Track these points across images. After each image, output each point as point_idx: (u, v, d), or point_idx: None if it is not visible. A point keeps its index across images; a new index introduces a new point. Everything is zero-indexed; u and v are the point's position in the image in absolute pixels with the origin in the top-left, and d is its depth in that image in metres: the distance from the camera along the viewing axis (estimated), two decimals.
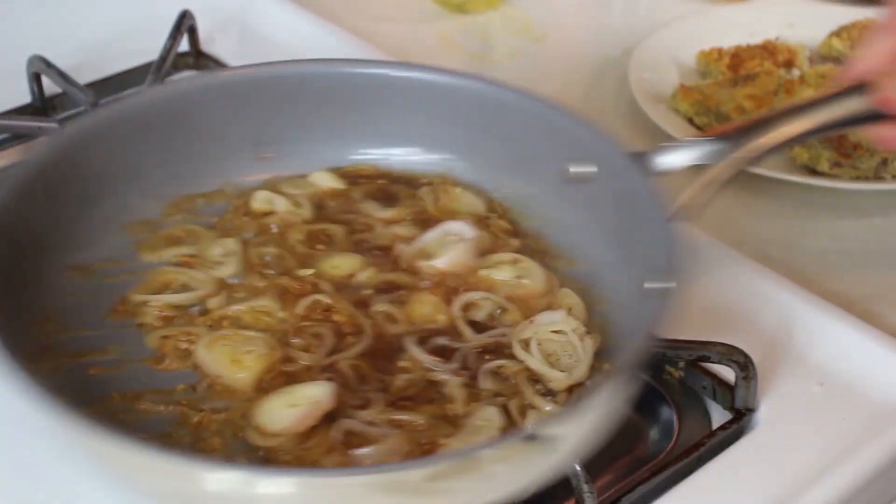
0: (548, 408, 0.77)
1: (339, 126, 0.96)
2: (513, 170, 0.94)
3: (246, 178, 0.95)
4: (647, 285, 0.78)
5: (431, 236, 0.90)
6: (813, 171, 1.12)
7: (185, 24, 1.21)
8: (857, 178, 1.11)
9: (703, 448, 0.81)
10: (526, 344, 0.81)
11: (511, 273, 0.87)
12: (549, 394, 0.78)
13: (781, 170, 1.12)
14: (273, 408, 0.76)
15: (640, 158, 0.84)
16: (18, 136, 1.12)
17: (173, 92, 0.96)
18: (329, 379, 0.78)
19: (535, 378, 0.79)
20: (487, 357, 0.81)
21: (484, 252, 0.89)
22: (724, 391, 0.86)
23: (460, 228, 0.90)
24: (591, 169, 0.87)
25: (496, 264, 0.88)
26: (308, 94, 0.95)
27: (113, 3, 1.32)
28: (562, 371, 0.79)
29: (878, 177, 1.11)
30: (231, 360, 0.79)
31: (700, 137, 0.85)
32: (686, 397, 0.88)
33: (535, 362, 0.79)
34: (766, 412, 0.85)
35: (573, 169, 0.88)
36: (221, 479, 0.65)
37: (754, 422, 0.85)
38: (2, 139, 1.12)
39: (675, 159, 0.84)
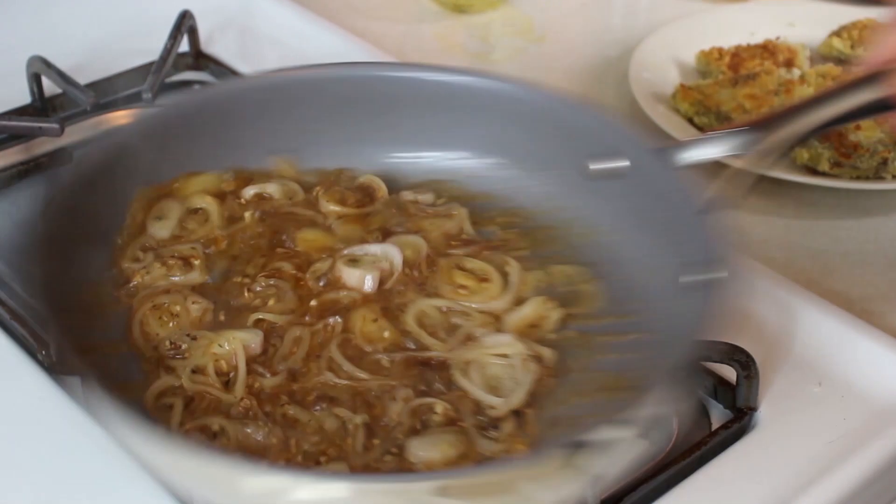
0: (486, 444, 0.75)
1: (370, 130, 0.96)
2: (538, 169, 0.94)
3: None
4: (682, 279, 0.79)
5: (373, 249, 0.88)
6: (813, 171, 1.12)
7: (185, 24, 1.21)
8: (857, 178, 1.11)
9: (703, 448, 0.81)
10: (467, 367, 0.79)
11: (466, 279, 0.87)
12: (492, 426, 0.77)
13: (781, 170, 1.12)
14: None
15: (665, 153, 0.84)
16: (18, 137, 1.12)
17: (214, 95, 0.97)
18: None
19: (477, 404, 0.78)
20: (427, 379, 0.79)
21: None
22: (725, 390, 0.86)
23: (394, 255, 0.87)
24: (614, 164, 0.87)
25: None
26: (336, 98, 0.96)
27: (113, 4, 1.32)
28: (501, 397, 0.77)
29: (878, 177, 1.11)
30: None
31: (725, 130, 0.85)
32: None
33: (474, 390, 0.78)
34: (766, 412, 0.85)
35: (594, 166, 0.88)
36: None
37: (754, 422, 0.85)
38: (1, 139, 1.12)
39: (699, 153, 0.84)
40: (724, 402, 0.86)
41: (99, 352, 0.79)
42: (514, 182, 0.95)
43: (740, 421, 0.83)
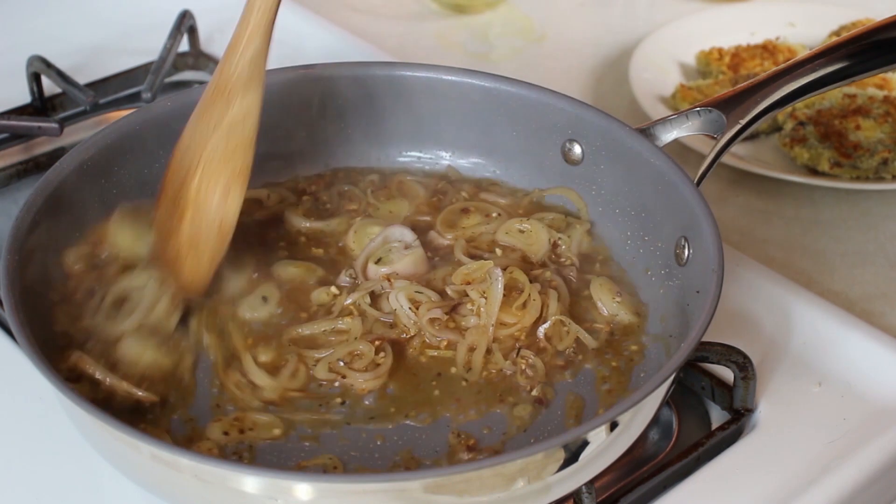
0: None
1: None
2: (516, 158, 0.96)
3: None
4: (686, 253, 0.82)
5: (374, 244, 0.89)
6: (813, 171, 1.12)
7: (185, 24, 1.21)
8: (857, 178, 1.11)
9: (701, 448, 0.81)
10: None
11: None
12: None
13: (781, 170, 1.12)
14: None
15: (645, 133, 0.88)
16: (18, 136, 1.12)
17: None
18: None
19: None
20: None
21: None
22: (723, 391, 0.85)
23: (401, 234, 0.89)
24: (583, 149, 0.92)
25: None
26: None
27: (113, 4, 1.32)
28: None
29: (878, 177, 1.11)
30: None
31: (695, 108, 0.88)
32: (685, 398, 0.87)
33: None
34: (765, 412, 0.85)
35: (574, 150, 0.92)
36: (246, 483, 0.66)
37: (753, 422, 0.84)
38: (1, 139, 1.12)
39: (676, 132, 0.88)
40: (721, 404, 0.86)
41: None
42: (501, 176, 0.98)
43: (737, 422, 0.83)
